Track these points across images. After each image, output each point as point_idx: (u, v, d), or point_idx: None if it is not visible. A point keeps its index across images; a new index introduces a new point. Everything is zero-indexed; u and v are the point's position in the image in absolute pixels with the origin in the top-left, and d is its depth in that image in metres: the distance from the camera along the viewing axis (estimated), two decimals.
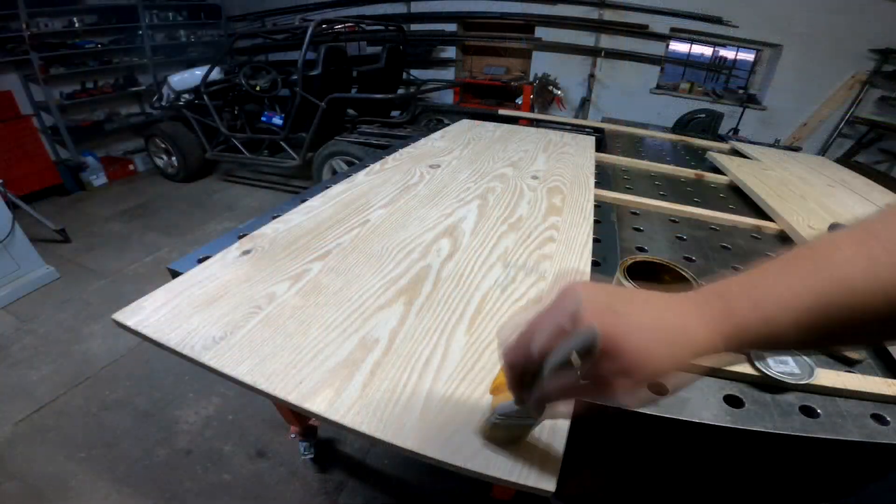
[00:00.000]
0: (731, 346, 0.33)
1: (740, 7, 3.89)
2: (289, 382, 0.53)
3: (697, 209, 1.24)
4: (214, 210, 3.64)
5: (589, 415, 0.45)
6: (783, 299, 0.31)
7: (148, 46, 4.78)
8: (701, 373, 0.64)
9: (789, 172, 1.60)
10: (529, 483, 0.44)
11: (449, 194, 1.13)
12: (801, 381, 0.61)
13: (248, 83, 3.60)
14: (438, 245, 0.88)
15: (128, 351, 2.02)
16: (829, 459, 0.61)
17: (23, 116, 3.69)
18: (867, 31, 3.60)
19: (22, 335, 2.13)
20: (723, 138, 2.39)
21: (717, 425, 0.56)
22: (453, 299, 0.71)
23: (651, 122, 2.62)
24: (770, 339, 0.32)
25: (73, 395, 1.79)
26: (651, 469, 0.75)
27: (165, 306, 0.65)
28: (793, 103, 4.07)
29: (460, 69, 5.25)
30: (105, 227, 3.34)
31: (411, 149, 1.50)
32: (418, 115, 3.64)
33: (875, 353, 0.71)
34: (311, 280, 0.74)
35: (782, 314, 0.31)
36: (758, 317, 0.32)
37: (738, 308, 0.32)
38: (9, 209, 2.34)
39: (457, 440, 0.47)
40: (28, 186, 3.50)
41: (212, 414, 1.72)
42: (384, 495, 1.49)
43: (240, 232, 0.89)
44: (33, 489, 1.43)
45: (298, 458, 1.54)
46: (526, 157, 1.48)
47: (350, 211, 1.00)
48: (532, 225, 0.99)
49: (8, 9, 3.59)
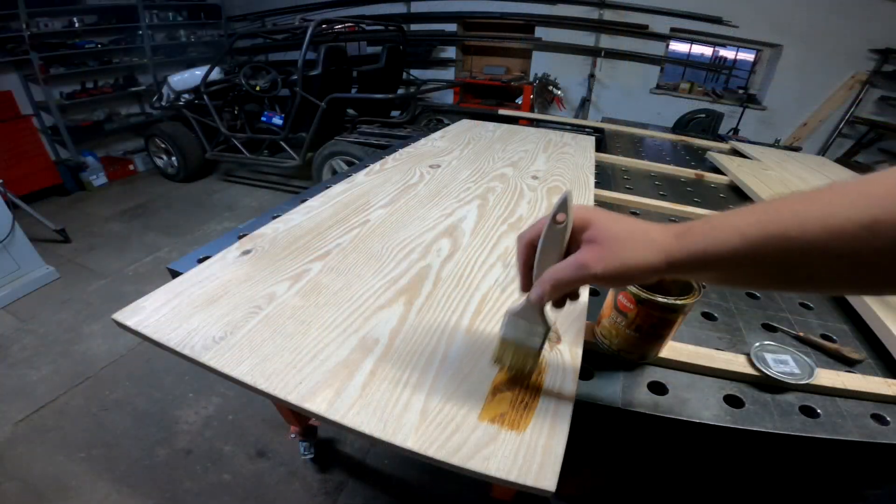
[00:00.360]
0: (683, 256, 0.39)
1: (740, 7, 3.89)
2: (289, 382, 0.53)
3: (697, 209, 1.24)
4: (214, 210, 3.64)
5: (589, 410, 0.45)
6: (734, 225, 0.37)
7: (148, 46, 4.78)
8: (701, 373, 0.64)
9: (789, 172, 1.60)
10: (529, 483, 0.44)
11: (449, 194, 1.12)
12: (801, 381, 0.61)
13: (248, 83, 3.60)
14: (438, 245, 0.88)
15: (128, 351, 2.03)
16: (829, 460, 0.61)
17: (23, 116, 3.69)
18: (867, 31, 3.60)
19: (22, 335, 2.13)
20: (723, 138, 2.39)
21: (717, 425, 0.56)
22: (453, 299, 0.71)
23: (651, 122, 2.61)
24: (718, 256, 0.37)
25: (73, 395, 1.79)
26: (651, 469, 0.75)
27: (165, 306, 0.65)
28: (793, 103, 4.07)
29: (460, 69, 5.25)
30: (105, 227, 3.34)
31: (411, 149, 1.50)
32: (418, 115, 3.64)
33: (875, 353, 0.72)
34: (311, 280, 0.74)
35: (731, 236, 0.36)
36: (710, 235, 0.38)
37: (695, 227, 0.40)
38: (9, 209, 2.34)
39: (457, 440, 0.47)
40: (28, 186, 3.50)
41: (212, 414, 1.72)
42: (384, 495, 1.49)
43: (240, 232, 0.89)
44: (33, 489, 1.43)
45: (298, 458, 1.54)
46: (526, 157, 1.48)
47: (350, 211, 1.00)
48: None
49: (8, 9, 3.59)
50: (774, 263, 0.35)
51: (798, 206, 0.34)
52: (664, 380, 0.63)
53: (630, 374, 0.63)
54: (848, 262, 0.32)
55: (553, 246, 0.44)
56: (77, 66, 4.22)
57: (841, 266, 0.33)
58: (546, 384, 0.55)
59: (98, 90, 4.42)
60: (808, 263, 0.34)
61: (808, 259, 0.34)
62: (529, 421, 0.50)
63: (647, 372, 0.64)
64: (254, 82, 3.64)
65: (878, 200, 0.31)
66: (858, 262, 0.32)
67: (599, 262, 0.41)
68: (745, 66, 4.42)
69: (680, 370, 0.65)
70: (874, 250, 0.30)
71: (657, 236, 0.41)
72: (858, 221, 0.31)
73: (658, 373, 0.64)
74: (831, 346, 0.71)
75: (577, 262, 0.42)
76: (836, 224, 0.32)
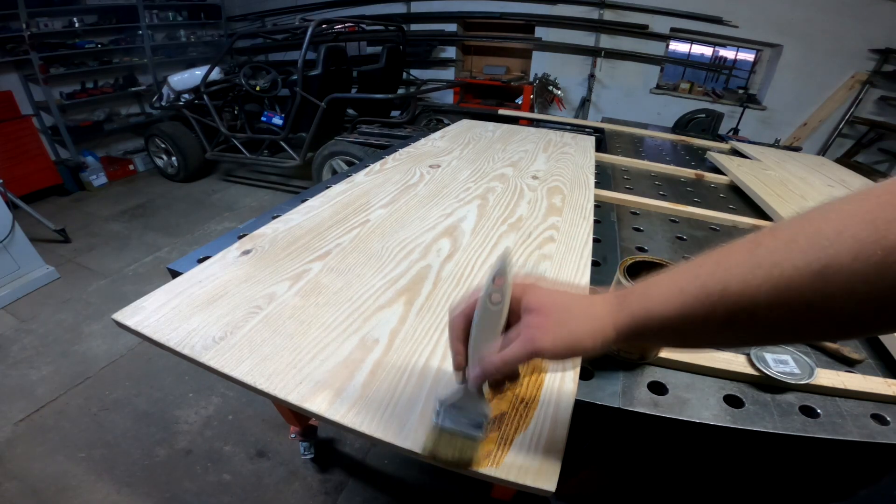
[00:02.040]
0: (628, 321, 0.37)
1: (740, 7, 3.89)
2: (289, 382, 0.53)
3: (697, 209, 1.24)
4: (214, 210, 3.64)
5: (586, 411, 0.45)
6: (673, 282, 0.35)
7: (148, 46, 4.78)
8: (701, 373, 0.64)
9: (789, 172, 1.60)
10: (529, 483, 0.44)
11: (449, 194, 1.12)
12: (801, 381, 0.61)
13: (248, 83, 3.60)
14: (438, 245, 0.88)
15: (128, 351, 2.02)
16: (829, 459, 0.61)
17: (23, 116, 3.69)
18: (867, 31, 3.60)
19: (22, 335, 2.13)
20: (723, 138, 2.39)
21: (717, 425, 0.56)
22: (453, 299, 0.71)
23: (651, 122, 2.62)
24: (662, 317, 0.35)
25: (73, 395, 1.79)
26: (651, 469, 0.75)
27: (165, 306, 0.65)
28: (793, 103, 4.07)
29: (460, 69, 5.25)
30: (105, 227, 3.34)
31: (411, 149, 1.50)
32: (418, 115, 3.64)
33: (875, 354, 0.72)
34: (311, 280, 0.74)
35: (670, 294, 0.35)
36: (649, 295, 0.36)
37: (635, 289, 0.38)
38: (9, 209, 2.34)
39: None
40: (28, 186, 3.50)
41: (212, 414, 1.72)
42: (384, 495, 1.49)
43: (240, 232, 0.89)
44: (33, 489, 1.43)
45: (298, 458, 1.54)
46: (526, 157, 1.47)
47: (350, 211, 1.00)
48: (532, 225, 0.99)
49: (8, 9, 3.59)
50: (722, 321, 0.32)
51: (740, 256, 0.32)
52: (664, 380, 0.63)
53: (630, 374, 0.63)
54: (801, 312, 0.29)
55: (492, 318, 0.40)
56: (77, 66, 4.22)
57: (793, 316, 0.29)
58: (546, 384, 0.55)
59: (98, 90, 4.42)
60: (756, 317, 0.31)
61: (755, 313, 0.30)
62: (529, 421, 0.50)
63: (647, 372, 0.64)
64: (254, 82, 3.64)
65: (828, 242, 0.27)
66: (812, 310, 0.28)
67: (547, 336, 0.37)
68: (745, 66, 4.42)
69: (680, 370, 0.64)
70: (827, 296, 0.27)
71: (599, 306, 0.38)
72: (807, 269, 0.27)
73: (658, 373, 0.64)
74: (831, 346, 0.71)
75: (525, 337, 0.38)
76: (782, 273, 0.29)
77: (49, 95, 3.94)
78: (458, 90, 4.95)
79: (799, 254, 0.28)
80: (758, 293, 0.30)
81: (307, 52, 3.18)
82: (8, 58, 3.71)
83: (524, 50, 4.88)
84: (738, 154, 1.90)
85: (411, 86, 4.48)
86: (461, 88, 4.97)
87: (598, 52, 4.43)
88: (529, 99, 4.63)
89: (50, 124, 4.10)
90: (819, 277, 0.27)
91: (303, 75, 3.21)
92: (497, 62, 5.11)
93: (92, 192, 3.99)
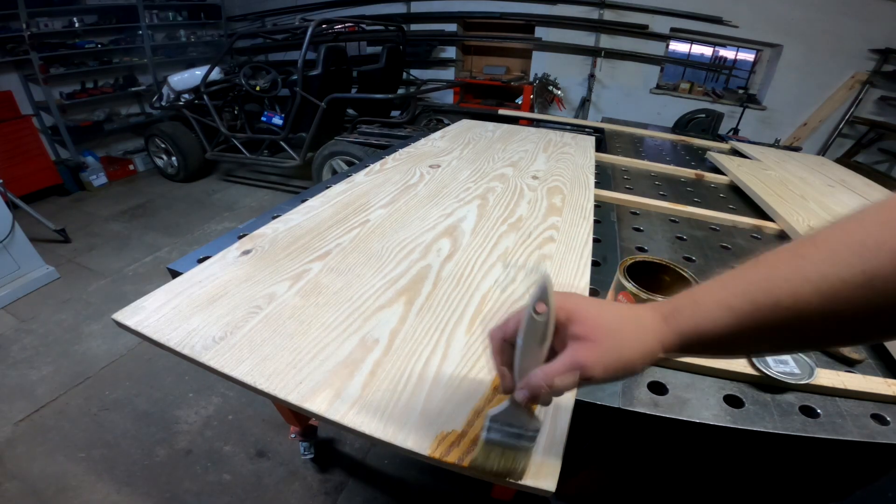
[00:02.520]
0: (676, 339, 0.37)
1: (740, 7, 3.89)
2: (289, 382, 0.53)
3: (697, 209, 1.24)
4: (214, 210, 3.64)
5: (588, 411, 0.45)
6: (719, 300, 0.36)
7: (148, 46, 4.78)
8: (701, 373, 0.64)
9: (789, 172, 1.60)
10: (529, 483, 0.44)
11: (449, 194, 1.12)
12: (802, 381, 0.61)
13: (248, 83, 3.60)
14: (438, 245, 0.88)
15: (128, 351, 2.02)
16: (828, 460, 0.61)
17: (23, 116, 3.69)
18: (867, 31, 3.60)
19: (22, 335, 2.13)
20: (723, 138, 2.39)
21: (717, 425, 0.56)
22: (453, 299, 0.71)
23: (651, 122, 2.62)
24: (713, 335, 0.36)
25: (73, 395, 1.79)
26: (651, 469, 0.75)
27: (165, 306, 0.65)
28: (793, 103, 4.07)
29: (460, 69, 5.25)
30: (105, 227, 3.34)
31: (411, 149, 1.50)
32: (418, 115, 3.64)
33: (875, 354, 0.72)
34: (311, 280, 0.74)
35: (719, 311, 0.35)
36: (697, 314, 0.37)
37: (682, 306, 0.38)
38: (9, 209, 2.34)
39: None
40: (28, 186, 3.50)
41: (212, 414, 1.72)
42: (384, 495, 1.49)
43: (240, 232, 0.89)
44: (33, 489, 1.43)
45: (298, 458, 1.54)
46: (526, 157, 1.48)
47: (350, 211, 1.00)
48: (532, 225, 0.99)
49: (8, 9, 3.59)
50: (773, 333, 0.34)
51: (786, 269, 0.33)
52: (664, 380, 0.63)
53: None
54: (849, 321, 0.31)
55: (536, 342, 0.39)
56: (77, 66, 4.22)
57: (842, 325, 0.31)
58: None
59: (98, 90, 4.42)
60: (807, 327, 0.32)
61: (806, 324, 0.32)
62: None
63: (647, 372, 0.64)
64: (254, 82, 3.64)
65: (871, 253, 0.29)
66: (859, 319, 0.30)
67: (598, 365, 0.37)
68: (745, 66, 4.42)
69: (680, 370, 0.65)
70: (874, 306, 0.29)
71: (646, 324, 0.38)
72: (852, 280, 0.29)
73: (658, 373, 0.64)
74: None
75: (573, 365, 0.37)
76: (830, 286, 0.30)
77: (49, 95, 3.94)
78: (458, 90, 4.95)
79: (845, 266, 0.30)
80: (808, 306, 0.31)
81: (307, 52, 3.17)
82: (8, 58, 3.71)
83: (524, 50, 4.88)
84: (738, 154, 1.90)
85: (411, 86, 4.47)
86: (461, 88, 4.97)
87: (598, 52, 4.43)
88: (529, 99, 4.63)
89: (50, 124, 4.10)
90: (865, 288, 0.29)
91: (303, 75, 3.21)
92: (497, 62, 5.11)
93: (92, 192, 3.99)
